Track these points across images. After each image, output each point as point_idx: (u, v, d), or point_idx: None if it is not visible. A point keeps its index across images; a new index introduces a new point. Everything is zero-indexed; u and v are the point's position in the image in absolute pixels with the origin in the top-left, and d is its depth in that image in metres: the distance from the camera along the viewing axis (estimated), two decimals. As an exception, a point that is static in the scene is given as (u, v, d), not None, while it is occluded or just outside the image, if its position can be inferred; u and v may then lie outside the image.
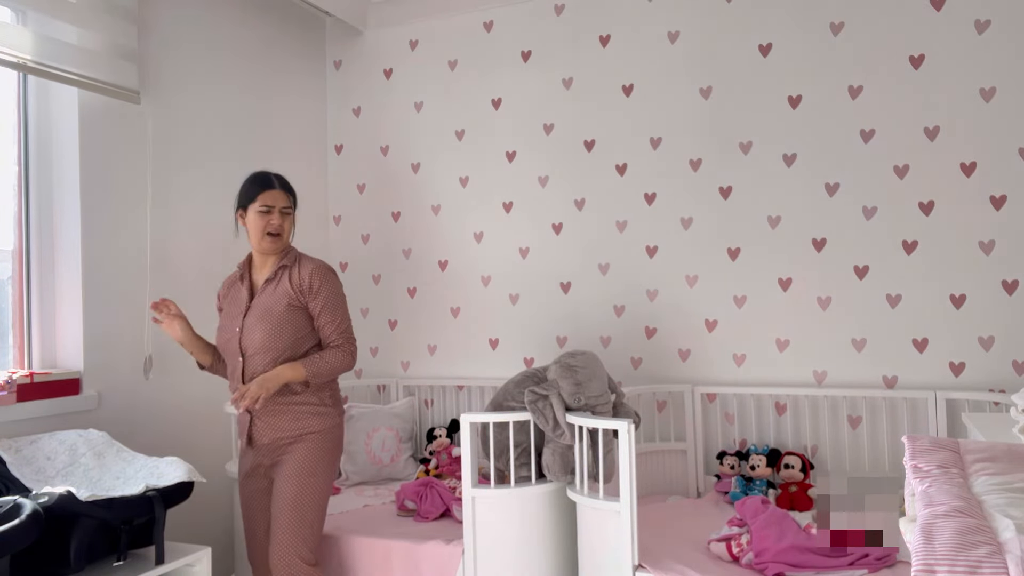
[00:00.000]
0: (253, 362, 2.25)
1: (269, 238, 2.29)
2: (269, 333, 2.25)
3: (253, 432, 2.28)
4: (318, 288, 2.30)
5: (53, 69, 2.44)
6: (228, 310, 2.36)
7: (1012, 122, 2.73)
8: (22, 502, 1.73)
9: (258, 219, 2.29)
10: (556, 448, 2.44)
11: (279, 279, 2.31)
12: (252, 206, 2.30)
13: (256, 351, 2.25)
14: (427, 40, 3.67)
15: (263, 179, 2.32)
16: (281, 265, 2.33)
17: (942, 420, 2.74)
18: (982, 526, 0.84)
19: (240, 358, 2.26)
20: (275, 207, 2.30)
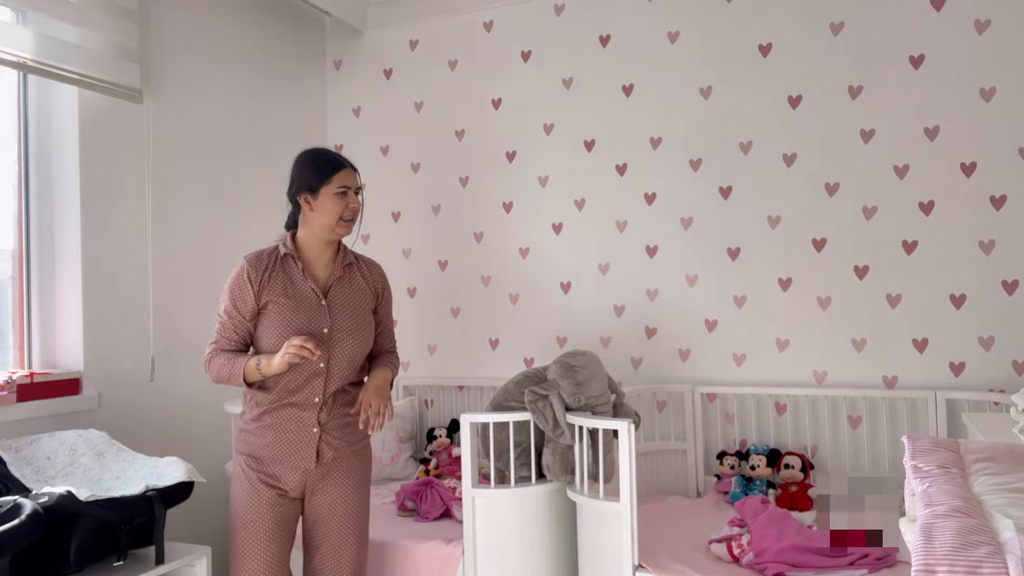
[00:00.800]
0: (338, 369, 2.05)
1: (344, 224, 2.05)
2: (364, 341, 2.10)
3: (323, 447, 2.05)
4: (387, 292, 2.23)
5: (54, 69, 2.44)
6: (294, 304, 2.03)
7: (1012, 122, 2.72)
8: (22, 502, 1.73)
9: (335, 201, 2.03)
10: (556, 448, 2.44)
11: (349, 278, 2.13)
12: (326, 188, 2.03)
13: (346, 358, 2.05)
14: (427, 40, 3.66)
15: (334, 159, 2.07)
16: (348, 262, 2.15)
17: (942, 420, 2.74)
18: (982, 526, 0.84)
19: (324, 364, 2.03)
20: (351, 188, 2.06)
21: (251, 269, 2.03)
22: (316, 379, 2.02)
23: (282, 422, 2.03)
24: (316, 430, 2.03)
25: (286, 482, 2.04)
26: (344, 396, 2.09)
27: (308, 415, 2.03)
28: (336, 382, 2.05)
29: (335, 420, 2.06)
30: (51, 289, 2.61)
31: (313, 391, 2.03)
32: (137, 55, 2.74)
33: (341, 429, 2.08)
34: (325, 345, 2.01)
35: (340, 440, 2.08)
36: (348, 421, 2.09)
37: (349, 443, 2.10)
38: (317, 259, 2.10)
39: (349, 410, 2.09)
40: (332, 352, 2.03)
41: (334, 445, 2.06)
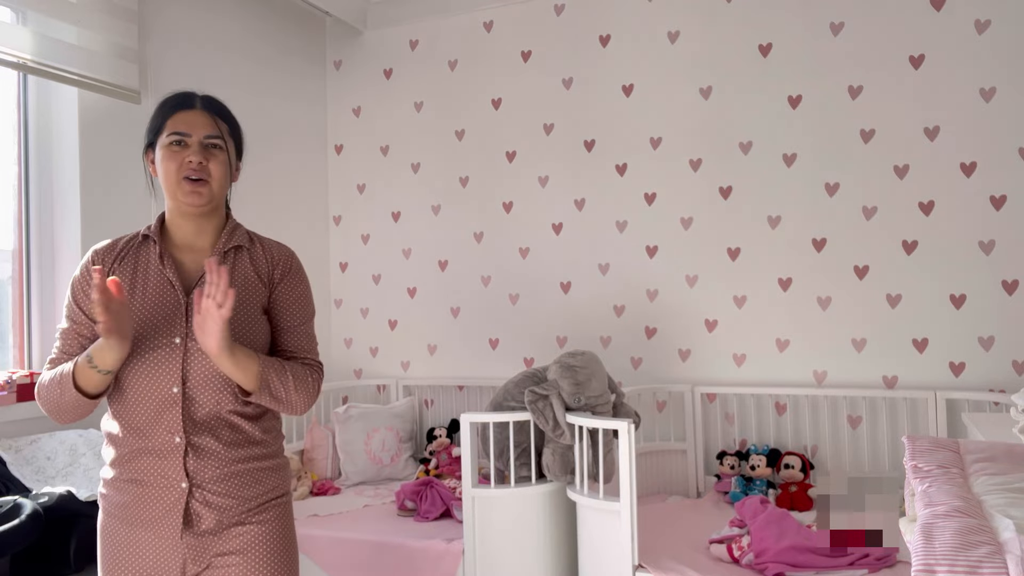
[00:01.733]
0: (201, 393, 1.41)
1: (187, 187, 1.43)
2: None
3: (197, 508, 1.40)
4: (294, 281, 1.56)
5: (53, 69, 2.44)
6: (139, 301, 1.44)
7: (1012, 122, 2.72)
8: (22, 502, 1.73)
9: (168, 156, 1.43)
10: (556, 448, 2.44)
11: (231, 266, 1.51)
12: (160, 139, 1.46)
13: (209, 378, 1.41)
14: (427, 40, 3.67)
15: (172, 98, 1.49)
16: (235, 245, 1.52)
17: (942, 420, 2.74)
18: (982, 526, 0.84)
19: (177, 388, 1.40)
20: (191, 136, 1.44)
21: (96, 257, 1.48)
22: (170, 410, 1.40)
23: (140, 474, 1.41)
24: (185, 484, 1.39)
25: (150, 560, 1.40)
26: (230, 433, 1.44)
27: (170, 463, 1.39)
28: (202, 409, 1.41)
29: (218, 467, 1.42)
30: (51, 289, 2.61)
31: (169, 427, 1.39)
32: (136, 55, 2.74)
33: (228, 481, 1.42)
34: (176, 361, 1.40)
35: (228, 498, 1.42)
36: (245, 468, 1.45)
37: (245, 500, 1.44)
38: (190, 243, 1.51)
39: (246, 451, 1.46)
40: (188, 369, 1.40)
41: (218, 505, 1.41)
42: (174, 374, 1.40)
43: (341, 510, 2.81)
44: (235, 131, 1.53)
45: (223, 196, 1.51)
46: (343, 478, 3.21)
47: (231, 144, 1.51)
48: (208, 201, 1.46)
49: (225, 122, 1.50)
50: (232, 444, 1.44)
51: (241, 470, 1.45)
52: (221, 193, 1.49)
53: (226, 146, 1.48)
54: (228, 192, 1.55)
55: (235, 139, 1.53)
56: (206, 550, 1.42)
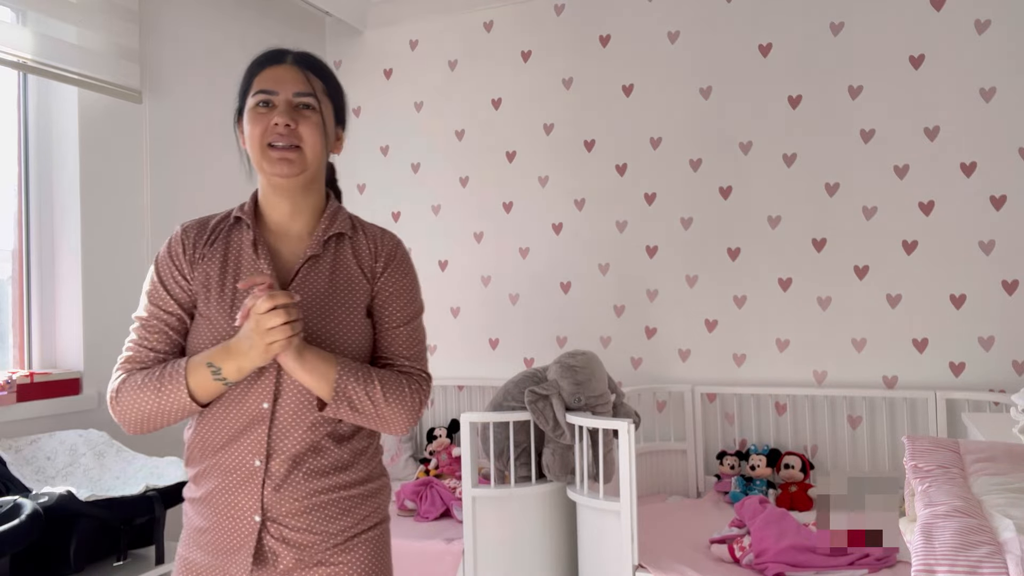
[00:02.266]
0: (294, 409, 1.20)
1: (274, 156, 1.21)
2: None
3: (271, 544, 1.20)
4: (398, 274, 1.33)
5: (53, 69, 2.44)
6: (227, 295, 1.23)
7: (1012, 122, 2.72)
8: (22, 502, 1.73)
9: (253, 120, 1.23)
10: (556, 448, 2.44)
11: (333, 257, 1.29)
12: (248, 102, 1.26)
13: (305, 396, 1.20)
14: (427, 40, 3.66)
15: (262, 55, 1.27)
16: (336, 233, 1.29)
17: (942, 420, 2.74)
18: (982, 526, 0.84)
19: (267, 404, 1.20)
20: (279, 95, 1.22)
21: (184, 238, 1.26)
22: (256, 427, 1.19)
23: (216, 495, 1.22)
24: (258, 518, 1.19)
25: None
26: (317, 459, 1.22)
27: (244, 492, 1.19)
28: (293, 431, 1.20)
29: (297, 499, 1.20)
30: (51, 289, 2.61)
31: (251, 448, 1.19)
32: (137, 55, 2.74)
33: (310, 514, 1.21)
34: (270, 371, 1.19)
35: (310, 534, 1.21)
36: (331, 499, 1.23)
37: (329, 536, 1.23)
38: (285, 227, 1.29)
39: (332, 481, 1.23)
40: (282, 381, 1.20)
41: (296, 543, 1.21)
42: (267, 386, 1.19)
43: (341, 510, 2.81)
44: (334, 91, 1.28)
45: (319, 167, 1.25)
46: (343, 478, 3.21)
47: (328, 105, 1.26)
48: (300, 171, 1.21)
49: (320, 79, 1.25)
50: (316, 472, 1.21)
51: (325, 501, 1.22)
52: (316, 162, 1.23)
53: (320, 107, 1.23)
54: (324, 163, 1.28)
55: (333, 101, 1.28)
56: None
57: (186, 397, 1.16)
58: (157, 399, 1.16)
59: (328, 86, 1.27)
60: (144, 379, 1.18)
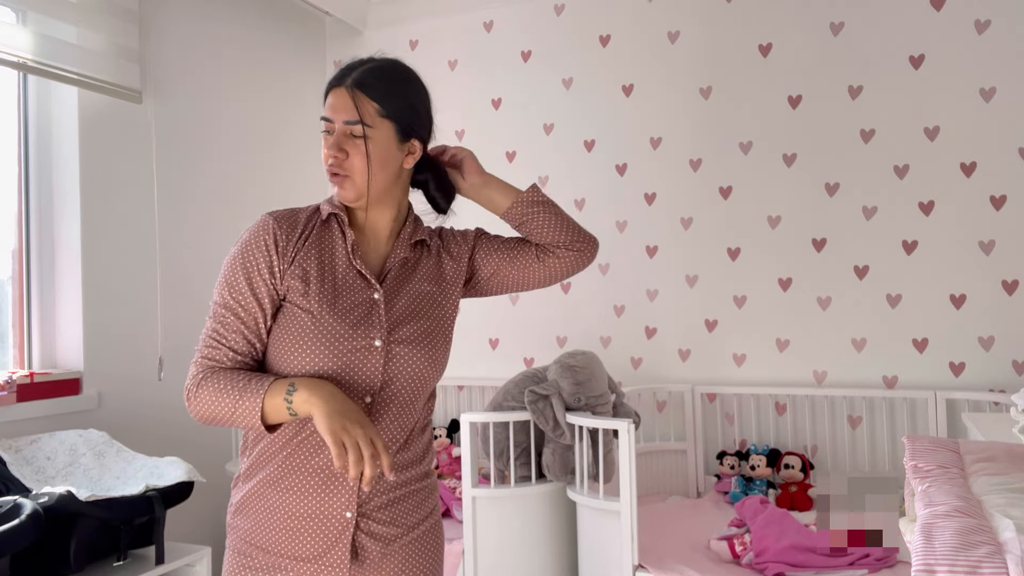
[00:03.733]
0: (394, 408, 1.24)
1: (335, 182, 1.26)
2: (435, 360, 1.29)
3: (363, 540, 1.23)
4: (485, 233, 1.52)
5: (53, 69, 2.44)
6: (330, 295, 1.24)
7: (1012, 122, 2.72)
8: (22, 502, 1.73)
9: (323, 146, 1.27)
10: (556, 448, 2.44)
11: (419, 261, 1.36)
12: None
13: (407, 389, 1.25)
14: (427, 40, 3.66)
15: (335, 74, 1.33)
16: (420, 239, 1.38)
17: (942, 420, 2.74)
18: (982, 526, 0.84)
19: (370, 399, 1.22)
20: (334, 123, 1.26)
21: (277, 229, 1.25)
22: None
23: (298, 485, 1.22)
24: (350, 515, 1.22)
25: None
26: (402, 453, 1.27)
27: (337, 489, 1.22)
28: (389, 429, 1.24)
29: (385, 494, 1.25)
30: (51, 289, 2.61)
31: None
32: (137, 55, 2.74)
33: (393, 507, 1.26)
34: (377, 366, 1.22)
35: (392, 526, 1.26)
36: (408, 492, 1.29)
37: (407, 529, 1.28)
38: (375, 231, 1.34)
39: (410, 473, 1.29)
40: (387, 378, 1.23)
41: (382, 536, 1.25)
42: (373, 381, 1.21)
43: (341, 510, 2.81)
44: (393, 109, 1.27)
45: (379, 188, 1.27)
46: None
47: (386, 126, 1.25)
48: (355, 197, 1.25)
49: (376, 100, 1.25)
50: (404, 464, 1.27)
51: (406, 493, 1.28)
52: (377, 186, 1.25)
53: (368, 131, 1.23)
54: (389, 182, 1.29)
55: (394, 119, 1.27)
56: None
57: (257, 420, 1.16)
58: (232, 409, 1.17)
59: (385, 104, 1.26)
60: (226, 384, 1.17)
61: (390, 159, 1.28)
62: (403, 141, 1.30)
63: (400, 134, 1.29)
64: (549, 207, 1.40)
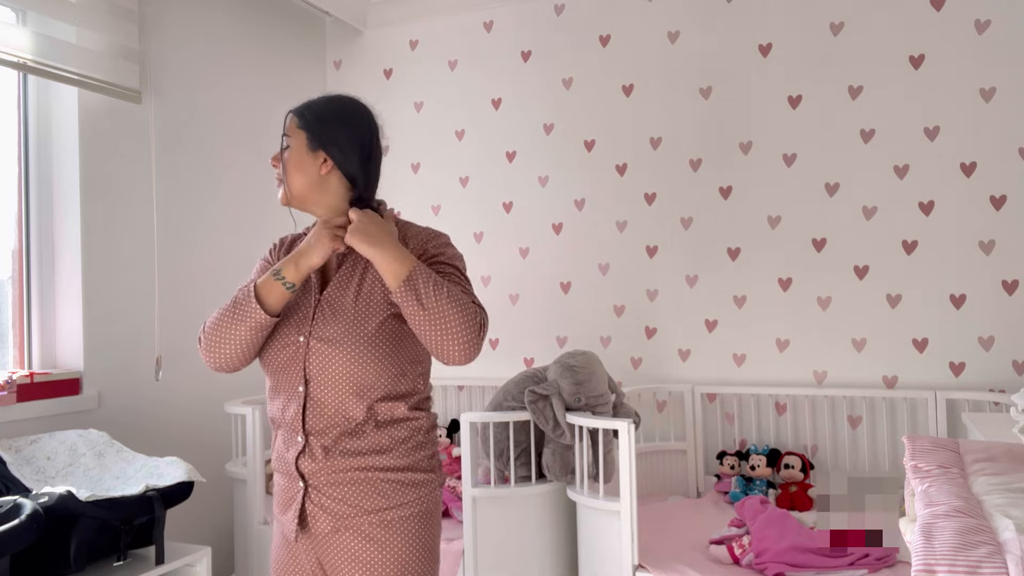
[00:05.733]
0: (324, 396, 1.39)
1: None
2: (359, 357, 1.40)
3: (312, 510, 1.40)
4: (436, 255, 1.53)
5: (53, 69, 2.44)
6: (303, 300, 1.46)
7: (1012, 122, 2.72)
8: (22, 502, 1.73)
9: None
10: (556, 448, 2.44)
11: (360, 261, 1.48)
12: None
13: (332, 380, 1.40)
14: (427, 40, 3.66)
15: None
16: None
17: (942, 420, 2.74)
18: (982, 526, 0.84)
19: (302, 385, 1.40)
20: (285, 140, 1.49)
21: (278, 243, 1.58)
22: (294, 406, 1.41)
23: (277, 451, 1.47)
24: (300, 484, 1.39)
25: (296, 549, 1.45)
26: (353, 440, 1.39)
27: (289, 455, 1.41)
28: (323, 418, 1.39)
29: (332, 472, 1.38)
30: (51, 289, 2.61)
31: (293, 424, 1.41)
32: (136, 55, 2.74)
33: (344, 487, 1.38)
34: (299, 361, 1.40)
35: (343, 504, 1.38)
36: (363, 477, 1.39)
37: (361, 512, 1.38)
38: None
39: (364, 461, 1.39)
40: (310, 370, 1.39)
41: (332, 511, 1.38)
42: (298, 371, 1.40)
43: (341, 510, 2.81)
44: (307, 123, 1.46)
45: (302, 190, 1.44)
46: (343, 478, 3.21)
47: (299, 137, 1.45)
48: (287, 200, 1.46)
49: (297, 117, 1.47)
50: (358, 452, 1.39)
51: (359, 477, 1.39)
52: (295, 187, 1.44)
53: (289, 142, 1.45)
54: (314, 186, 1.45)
55: (308, 130, 1.45)
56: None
57: (258, 310, 1.35)
58: (233, 316, 1.37)
59: (301, 121, 1.46)
60: (220, 311, 1.40)
61: (303, 164, 1.45)
62: (312, 149, 1.45)
63: (308, 145, 1.45)
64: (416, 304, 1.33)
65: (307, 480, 1.39)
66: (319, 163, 1.45)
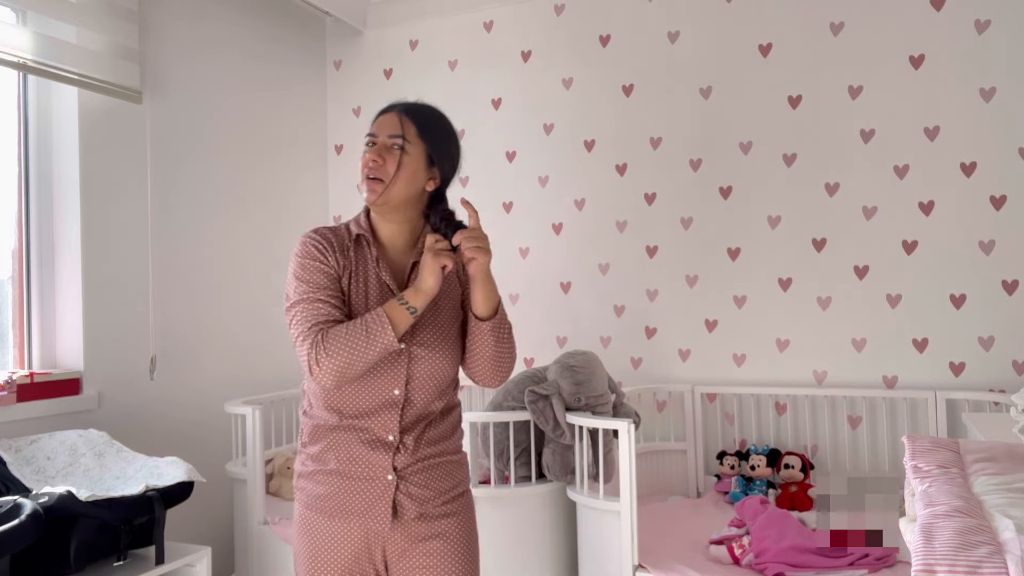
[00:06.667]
0: (420, 397, 1.50)
1: (365, 184, 1.48)
2: (452, 356, 1.55)
3: (401, 499, 1.48)
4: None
5: (53, 69, 2.44)
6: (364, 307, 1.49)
7: (1012, 122, 2.72)
8: (22, 502, 1.73)
9: (362, 157, 1.52)
10: (556, 448, 2.44)
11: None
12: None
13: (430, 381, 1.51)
14: (427, 40, 3.66)
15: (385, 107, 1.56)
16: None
17: (942, 420, 2.74)
18: (982, 526, 0.84)
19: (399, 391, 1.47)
20: (379, 137, 1.49)
21: (318, 243, 1.50)
22: (389, 410, 1.48)
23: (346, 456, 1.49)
24: (391, 477, 1.47)
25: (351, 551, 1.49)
26: (431, 430, 1.53)
27: (380, 456, 1.47)
28: (412, 415, 1.50)
29: (417, 462, 1.50)
30: (51, 289, 2.61)
31: (386, 426, 1.48)
32: (137, 55, 2.74)
33: (427, 473, 1.51)
34: (401, 365, 1.47)
35: (426, 489, 1.51)
36: (440, 462, 1.54)
37: (439, 493, 1.52)
38: (392, 242, 1.56)
39: (439, 448, 1.54)
40: (411, 374, 1.48)
41: (417, 497, 1.49)
42: (399, 377, 1.47)
43: (341, 510, 2.81)
44: (428, 135, 1.52)
45: (402, 197, 1.49)
46: (343, 478, 3.21)
47: (417, 147, 1.50)
48: (383, 200, 1.48)
49: (416, 125, 1.50)
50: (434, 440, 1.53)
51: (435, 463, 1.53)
52: (399, 194, 1.48)
53: (408, 148, 1.48)
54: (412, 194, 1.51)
55: (428, 143, 1.51)
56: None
57: (392, 337, 1.39)
58: (367, 344, 1.39)
59: (422, 130, 1.51)
60: (348, 331, 1.40)
61: (417, 176, 1.51)
62: (429, 166, 1.53)
63: (427, 159, 1.52)
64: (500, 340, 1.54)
65: (398, 473, 1.48)
66: (427, 179, 1.53)
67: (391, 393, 1.46)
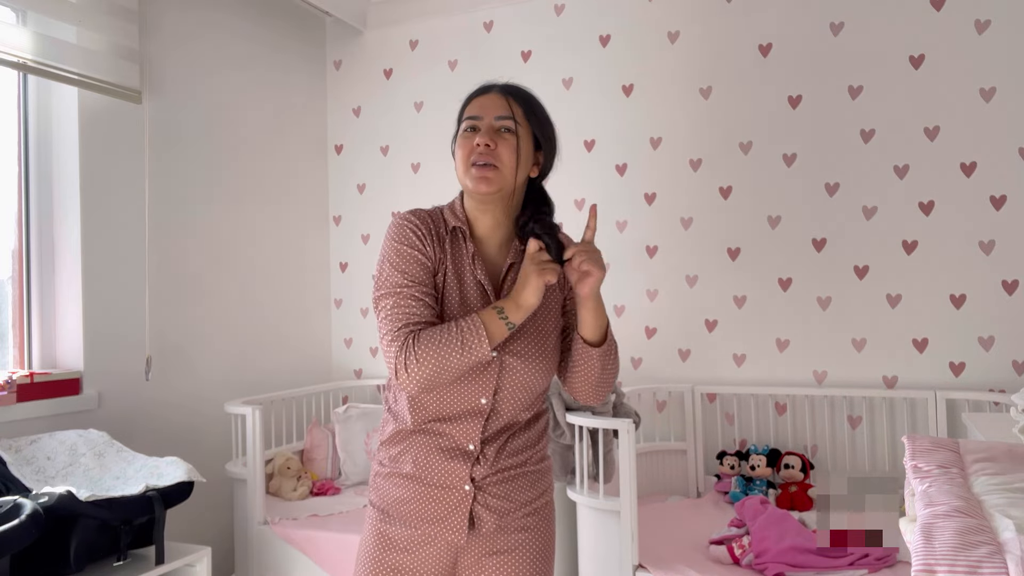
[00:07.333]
0: (507, 408, 1.40)
1: (474, 173, 1.35)
2: (547, 367, 1.42)
3: (479, 511, 1.40)
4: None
5: (53, 69, 2.44)
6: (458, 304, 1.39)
7: (1012, 122, 2.72)
8: (22, 502, 1.73)
9: (462, 143, 1.39)
10: (556, 448, 2.44)
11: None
12: (461, 126, 1.42)
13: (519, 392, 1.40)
14: (427, 40, 3.66)
15: (478, 88, 1.45)
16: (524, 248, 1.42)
17: (942, 420, 2.74)
18: (982, 526, 0.84)
19: (486, 400, 1.38)
20: (483, 119, 1.37)
21: (416, 228, 1.39)
22: (473, 419, 1.38)
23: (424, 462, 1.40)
24: (469, 487, 1.39)
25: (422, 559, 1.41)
26: (515, 440, 1.43)
27: (457, 465, 1.39)
28: (497, 425, 1.40)
29: (500, 472, 1.41)
30: (51, 289, 2.61)
31: (468, 434, 1.38)
32: (136, 55, 2.74)
33: (507, 484, 1.42)
34: (491, 373, 1.37)
35: (505, 500, 1.41)
36: (521, 472, 1.44)
37: (519, 505, 1.43)
38: (489, 237, 1.45)
39: (522, 457, 1.44)
40: (501, 384, 1.38)
41: (496, 508, 1.40)
42: (487, 386, 1.37)
43: (341, 510, 2.81)
44: (535, 118, 1.42)
45: (515, 185, 1.40)
46: (343, 478, 3.21)
47: (526, 129, 1.40)
48: (497, 188, 1.36)
49: (522, 106, 1.40)
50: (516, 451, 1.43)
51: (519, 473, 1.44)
52: (512, 180, 1.38)
53: (518, 130, 1.37)
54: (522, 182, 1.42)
55: (533, 126, 1.41)
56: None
57: (487, 349, 1.29)
58: (462, 353, 1.29)
59: (528, 112, 1.40)
60: (442, 336, 1.29)
61: (528, 160, 1.41)
62: (537, 149, 1.44)
63: (536, 139, 1.43)
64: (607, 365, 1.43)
65: (476, 484, 1.39)
66: (533, 163, 1.45)
67: (477, 402, 1.37)
